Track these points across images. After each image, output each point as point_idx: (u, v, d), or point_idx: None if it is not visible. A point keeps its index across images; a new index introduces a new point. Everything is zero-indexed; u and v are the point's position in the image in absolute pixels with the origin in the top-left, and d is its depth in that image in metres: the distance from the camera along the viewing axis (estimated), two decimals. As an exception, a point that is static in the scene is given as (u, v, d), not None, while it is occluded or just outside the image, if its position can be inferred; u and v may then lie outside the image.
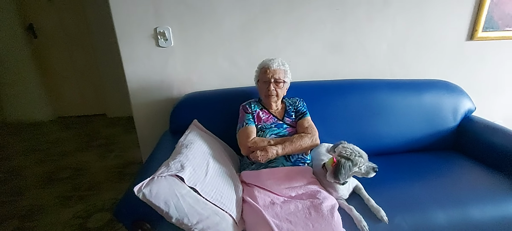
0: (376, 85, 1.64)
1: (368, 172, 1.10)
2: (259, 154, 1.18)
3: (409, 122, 1.59)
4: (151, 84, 1.68)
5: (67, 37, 3.26)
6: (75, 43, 3.29)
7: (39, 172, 2.27)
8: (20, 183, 2.12)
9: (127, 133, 3.03)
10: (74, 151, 2.64)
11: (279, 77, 1.33)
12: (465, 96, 1.65)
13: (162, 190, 0.92)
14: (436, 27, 1.74)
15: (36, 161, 2.47)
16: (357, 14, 1.66)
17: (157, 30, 1.56)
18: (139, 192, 0.90)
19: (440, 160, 1.51)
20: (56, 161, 2.45)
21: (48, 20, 3.16)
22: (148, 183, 0.93)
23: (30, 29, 3.17)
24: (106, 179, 2.14)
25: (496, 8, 1.74)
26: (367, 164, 1.10)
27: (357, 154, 1.09)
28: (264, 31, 1.64)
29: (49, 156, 2.55)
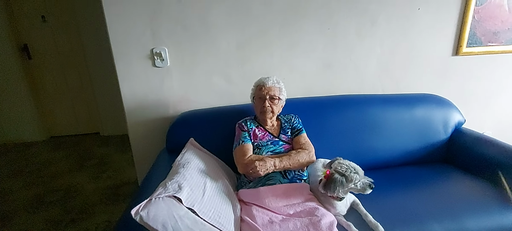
0: (369, 100, 1.69)
1: (365, 189, 1.10)
2: (257, 164, 1.18)
3: (402, 136, 1.62)
4: (147, 103, 1.68)
5: (60, 56, 3.25)
6: (69, 62, 3.29)
7: (28, 195, 2.19)
8: (7, 207, 2.04)
9: (121, 152, 2.98)
10: (66, 172, 2.57)
11: (274, 94, 1.36)
12: (454, 109, 1.70)
13: (160, 212, 0.91)
14: (422, 44, 1.82)
15: (25, 183, 2.39)
16: (347, 33, 1.73)
17: (154, 50, 1.58)
18: (136, 215, 0.89)
19: (433, 172, 1.54)
20: (46, 183, 2.38)
21: (43, 40, 3.15)
22: (146, 205, 0.92)
23: (25, 50, 3.16)
24: (100, 201, 2.09)
25: (478, 25, 1.84)
26: (363, 181, 1.10)
27: (353, 170, 1.09)
28: (259, 50, 1.68)
29: (39, 178, 2.47)
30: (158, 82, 1.65)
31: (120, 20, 1.52)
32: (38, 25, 3.09)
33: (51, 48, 3.20)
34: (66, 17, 3.09)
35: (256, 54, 1.68)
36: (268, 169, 1.19)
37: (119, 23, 1.53)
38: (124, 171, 2.54)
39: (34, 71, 3.26)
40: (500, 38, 1.89)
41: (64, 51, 3.23)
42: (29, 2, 3.02)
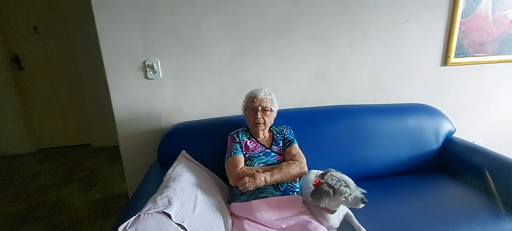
0: (361, 111, 1.70)
1: (356, 203, 1.07)
2: (247, 180, 1.17)
3: (394, 146, 1.63)
4: (139, 115, 1.66)
5: (51, 67, 3.21)
6: (60, 73, 3.25)
7: (13, 211, 2.11)
8: (-9, 223, 1.97)
9: (111, 163, 2.92)
10: (53, 185, 2.50)
11: (266, 105, 1.36)
12: (445, 119, 1.73)
13: (148, 229, 0.88)
14: (411, 55, 1.86)
15: (11, 197, 2.31)
16: (338, 44, 1.75)
17: (146, 63, 1.57)
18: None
19: (425, 181, 1.55)
20: (32, 197, 2.30)
21: (34, 51, 3.12)
22: (134, 221, 0.89)
23: (16, 61, 3.11)
24: (88, 216, 2.02)
25: (465, 37, 1.88)
26: (355, 194, 1.07)
27: (343, 184, 1.07)
28: (252, 61, 1.69)
29: (24, 192, 2.39)
30: (150, 94, 1.63)
31: (112, 32, 1.51)
32: (30, 36, 3.06)
33: (42, 59, 3.16)
34: (58, 28, 3.07)
35: (249, 65, 1.69)
36: (258, 185, 1.18)
37: (111, 35, 1.52)
38: (115, 184, 2.48)
39: (25, 82, 3.21)
40: (486, 49, 1.94)
41: (56, 62, 3.20)
42: (21, 12, 2.99)
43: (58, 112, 3.38)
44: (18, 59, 3.09)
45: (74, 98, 3.34)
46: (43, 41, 3.10)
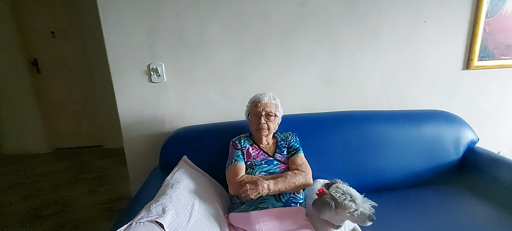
0: (372, 117, 1.60)
1: (363, 220, 0.98)
2: (248, 187, 1.11)
3: (408, 155, 1.52)
4: (143, 119, 1.65)
5: (67, 70, 3.31)
6: (75, 76, 3.34)
7: (23, 209, 2.17)
8: (3, 221, 2.02)
9: (120, 164, 2.95)
10: (64, 184, 2.55)
11: (270, 110, 1.30)
12: (466, 127, 1.59)
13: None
14: (429, 58, 1.73)
15: (24, 196, 2.38)
16: (348, 47, 1.67)
17: (150, 66, 1.56)
18: (112, 242, 0.83)
19: (443, 196, 1.42)
20: (43, 196, 2.36)
21: (51, 54, 3.23)
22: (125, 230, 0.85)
23: (34, 64, 3.24)
24: (94, 216, 2.04)
25: (490, 38, 1.74)
26: (361, 210, 0.98)
27: (349, 197, 0.99)
28: (257, 65, 1.63)
29: (36, 191, 2.46)
30: (154, 97, 1.62)
31: (117, 35, 1.51)
32: (47, 40, 3.17)
33: (59, 63, 3.27)
34: (74, 32, 3.16)
35: (254, 69, 1.63)
36: (261, 193, 1.11)
37: (117, 38, 1.52)
38: (122, 185, 2.50)
39: (42, 85, 3.33)
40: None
41: (71, 65, 3.30)
42: (39, 18, 3.11)
43: (73, 114, 3.48)
44: (36, 63, 3.21)
45: (88, 101, 3.43)
46: (60, 45, 3.21)
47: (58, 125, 3.49)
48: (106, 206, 2.17)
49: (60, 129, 3.50)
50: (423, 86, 1.79)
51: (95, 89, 3.32)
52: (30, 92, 3.24)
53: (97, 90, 3.32)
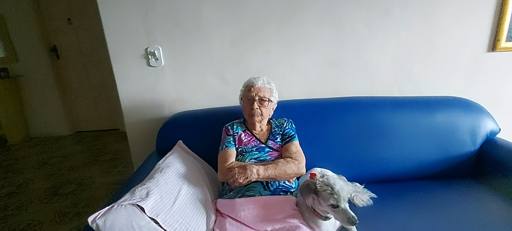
0: (379, 104, 1.48)
1: (344, 220, 0.91)
2: (236, 170, 1.07)
3: (417, 145, 1.40)
4: (143, 103, 1.67)
5: (84, 56, 3.45)
6: (91, 62, 3.47)
7: (45, 186, 2.34)
8: (25, 197, 2.19)
9: (134, 148, 3.07)
10: (82, 165, 2.71)
11: (264, 95, 1.25)
12: (487, 116, 1.43)
13: (118, 221, 0.85)
14: (448, 38, 1.55)
15: (45, 175, 2.56)
16: (355, 26, 1.54)
17: (148, 50, 1.56)
18: (93, 223, 0.85)
19: (455, 189, 1.30)
20: (63, 175, 2.52)
21: (68, 41, 3.37)
22: (105, 213, 0.87)
23: (54, 51, 3.41)
24: (105, 196, 2.15)
25: (522, 15, 1.52)
26: (343, 208, 0.91)
27: (329, 190, 0.91)
28: (255, 47, 1.57)
29: (58, 170, 2.64)
30: (152, 82, 1.62)
31: (115, 20, 1.52)
32: (64, 27, 3.30)
33: (76, 49, 3.41)
34: (89, 19, 3.25)
35: (252, 52, 1.57)
36: (249, 178, 1.07)
37: (114, 22, 1.53)
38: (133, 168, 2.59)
39: (62, 71, 3.50)
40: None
41: (87, 51, 3.42)
42: (56, 5, 3.23)
43: (91, 99, 3.64)
44: (55, 49, 3.37)
45: (104, 86, 3.56)
46: (76, 31, 3.33)
47: (77, 109, 3.68)
48: (117, 186, 2.27)
49: (79, 113, 3.70)
50: (440, 70, 1.62)
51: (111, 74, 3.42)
52: (51, 78, 3.43)
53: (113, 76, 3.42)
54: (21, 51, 3.36)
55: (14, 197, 2.21)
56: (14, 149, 3.33)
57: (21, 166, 2.79)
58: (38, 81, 3.44)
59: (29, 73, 3.43)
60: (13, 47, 3.34)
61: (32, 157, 3.01)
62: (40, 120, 3.61)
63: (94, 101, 3.64)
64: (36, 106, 3.56)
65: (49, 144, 3.38)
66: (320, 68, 1.61)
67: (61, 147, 3.28)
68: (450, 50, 1.58)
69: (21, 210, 2.01)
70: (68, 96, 3.61)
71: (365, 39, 1.56)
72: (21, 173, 2.64)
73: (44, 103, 3.52)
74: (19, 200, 2.16)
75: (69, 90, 3.59)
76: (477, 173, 1.39)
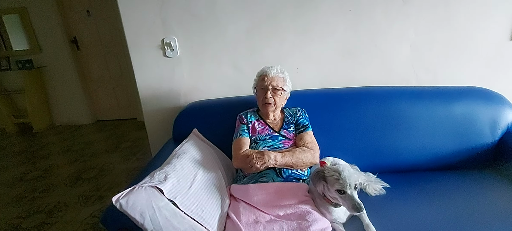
0: (395, 94, 1.46)
1: (349, 206, 0.92)
2: (254, 156, 1.11)
3: (433, 136, 1.38)
4: (160, 92, 1.72)
5: (103, 47, 3.56)
6: (110, 53, 3.59)
7: (70, 171, 2.48)
8: (52, 180, 2.34)
9: (151, 136, 3.18)
10: (103, 152, 2.85)
11: (277, 84, 1.26)
12: (508, 107, 1.38)
13: (139, 201, 0.91)
14: (470, 26, 1.49)
15: (69, 160, 2.71)
16: (372, 15, 1.51)
17: (164, 40, 1.60)
18: (116, 202, 0.91)
19: (471, 181, 1.27)
20: (86, 161, 2.66)
21: (88, 31, 3.49)
22: (127, 193, 0.93)
23: (74, 42, 3.54)
24: (125, 181, 2.26)
25: (554, 0, 1.43)
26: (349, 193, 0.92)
27: (336, 175, 0.93)
28: (270, 37, 1.57)
29: (81, 157, 2.79)
30: (169, 72, 1.67)
31: (132, 11, 1.56)
32: (84, 19, 3.41)
33: (95, 40, 3.52)
34: (107, 10, 3.34)
35: (266, 41, 1.58)
36: (267, 163, 1.10)
37: (132, 14, 1.57)
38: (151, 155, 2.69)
39: (82, 61, 3.64)
40: None
41: (106, 41, 3.53)
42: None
43: (111, 88, 3.78)
44: (76, 41, 3.50)
45: (123, 76, 3.68)
46: (95, 23, 3.43)
47: (98, 99, 3.84)
48: (136, 172, 2.37)
49: (100, 102, 3.85)
50: (460, 59, 1.56)
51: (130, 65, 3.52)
52: (73, 68, 3.58)
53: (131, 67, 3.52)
54: (44, 43, 3.52)
55: (41, 180, 2.37)
56: (40, 136, 3.53)
57: (47, 152, 2.97)
58: (60, 72, 3.60)
59: (52, 64, 3.59)
60: (37, 39, 3.50)
61: (56, 144, 3.19)
62: (63, 109, 3.80)
63: (114, 91, 3.78)
64: (59, 96, 3.74)
65: (72, 132, 3.56)
66: (335, 58, 1.60)
67: (83, 134, 3.44)
68: (471, 38, 1.52)
69: (48, 193, 2.16)
70: (89, 86, 3.77)
71: (382, 27, 1.53)
72: (47, 158, 2.81)
73: (67, 92, 3.69)
74: (46, 183, 2.31)
75: (90, 80, 3.74)
76: (496, 165, 1.35)
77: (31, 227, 1.77)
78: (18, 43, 3.59)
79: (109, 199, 2.00)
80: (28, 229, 1.75)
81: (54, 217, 1.86)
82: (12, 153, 3.03)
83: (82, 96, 3.72)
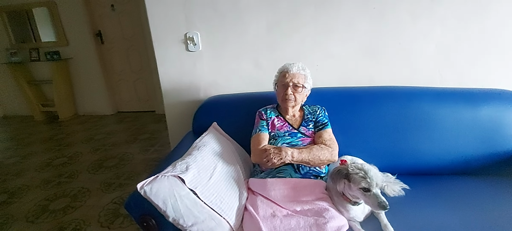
0: (418, 94, 1.42)
1: (374, 205, 0.91)
2: (272, 151, 1.12)
3: (457, 139, 1.33)
4: (181, 86, 1.77)
5: (125, 41, 3.68)
6: (132, 47, 3.70)
7: (93, 159, 2.60)
8: (76, 167, 2.47)
9: (169, 129, 3.26)
10: (123, 143, 2.96)
11: (298, 81, 1.26)
12: (541, 112, 1.31)
13: (162, 189, 0.95)
14: (502, 25, 1.42)
15: (93, 149, 2.84)
16: (397, 12, 1.47)
17: (187, 35, 1.63)
18: (141, 189, 0.95)
19: (496, 188, 1.22)
20: (107, 150, 2.78)
21: (111, 26, 3.62)
22: (151, 181, 0.97)
23: (99, 36, 3.68)
24: (144, 170, 2.34)
25: None
26: (374, 192, 0.92)
27: (361, 173, 0.93)
28: (291, 34, 1.57)
29: (102, 146, 2.91)
30: (190, 66, 1.71)
31: (157, 6, 1.61)
32: (108, 13, 3.54)
33: (118, 34, 3.65)
34: (131, 5, 3.45)
35: (287, 38, 1.58)
36: (284, 159, 1.11)
37: (157, 9, 1.62)
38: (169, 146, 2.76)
39: (105, 55, 3.78)
40: None
41: (128, 36, 3.64)
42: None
43: (131, 82, 3.91)
44: (100, 34, 3.64)
45: (143, 70, 3.79)
46: (119, 18, 3.55)
47: (119, 91, 3.98)
48: (154, 163, 2.46)
49: (121, 94, 3.99)
50: (489, 61, 1.50)
51: (150, 60, 3.64)
52: (96, 61, 3.73)
53: (151, 61, 3.64)
54: (71, 35, 3.68)
55: (66, 166, 2.50)
56: (65, 124, 3.71)
57: (71, 140, 3.12)
58: (85, 64, 3.76)
59: (77, 56, 3.76)
60: (64, 32, 3.67)
61: (80, 133, 3.35)
62: (87, 99, 3.97)
63: (134, 84, 3.90)
64: (83, 87, 3.91)
65: (95, 122, 3.72)
66: (357, 56, 1.58)
67: (105, 124, 3.59)
68: (501, 38, 1.46)
69: (72, 178, 2.28)
70: (111, 78, 3.91)
71: (407, 25, 1.49)
72: (71, 146, 2.96)
73: (90, 84, 3.86)
74: (71, 169, 2.44)
75: (112, 73, 3.88)
76: (525, 172, 1.29)
77: (57, 209, 1.87)
78: (46, 36, 3.78)
79: (129, 187, 2.09)
80: (54, 211, 1.86)
81: (78, 201, 1.96)
82: (40, 140, 3.21)
83: (104, 88, 3.87)
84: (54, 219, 1.79)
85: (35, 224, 1.75)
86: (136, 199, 1.03)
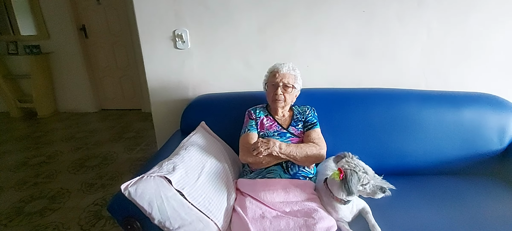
0: (404, 96, 1.46)
1: (375, 192, 0.96)
2: (260, 141, 1.09)
3: (440, 140, 1.37)
4: (169, 84, 1.72)
5: (111, 36, 3.56)
6: (118, 42, 3.59)
7: (73, 158, 2.50)
8: (55, 166, 2.36)
9: (155, 128, 3.19)
10: (107, 141, 2.86)
11: (288, 82, 1.25)
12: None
13: (147, 190, 0.91)
14: (486, 30, 1.47)
15: (73, 148, 2.73)
16: (386, 16, 1.50)
17: (175, 32, 1.59)
18: (125, 190, 0.91)
19: (477, 187, 1.27)
20: (89, 149, 2.68)
21: (97, 20, 3.49)
22: (136, 182, 0.93)
23: (82, 30, 3.54)
24: (128, 171, 2.27)
25: None
26: (373, 182, 0.96)
27: (362, 169, 0.96)
28: (281, 34, 1.57)
29: (84, 144, 2.80)
30: (179, 64, 1.67)
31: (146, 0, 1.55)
32: (93, 7, 3.41)
33: (104, 28, 3.52)
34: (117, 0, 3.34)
35: (278, 38, 1.57)
36: (271, 149, 1.08)
37: (145, 3, 1.56)
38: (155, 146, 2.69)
39: (90, 50, 3.64)
40: None
41: (115, 31, 3.53)
42: (86, -15, 3.33)
43: (117, 78, 3.78)
44: (84, 29, 3.50)
45: (129, 67, 3.68)
46: (105, 11, 3.43)
47: (104, 88, 3.84)
48: (140, 163, 2.39)
49: (105, 91, 3.86)
50: (472, 64, 1.55)
51: (136, 56, 3.54)
52: (80, 56, 3.58)
53: (138, 58, 3.54)
54: (52, 29, 3.52)
55: (44, 166, 2.38)
56: (44, 122, 3.54)
57: (51, 138, 2.98)
58: (67, 59, 3.61)
59: (59, 50, 3.60)
60: (45, 25, 3.50)
61: (60, 131, 3.21)
62: (68, 96, 3.81)
63: (120, 81, 3.78)
64: (65, 83, 3.75)
65: (76, 119, 3.57)
66: (346, 58, 1.59)
67: (87, 122, 3.45)
68: (484, 44, 1.51)
69: (51, 179, 2.17)
70: (96, 74, 3.77)
71: (395, 29, 1.52)
72: (51, 144, 2.82)
73: (73, 80, 3.70)
74: (49, 169, 2.32)
75: (97, 69, 3.75)
76: (503, 172, 1.34)
77: (34, 212, 1.78)
78: (26, 28, 3.59)
79: (112, 188, 2.02)
80: (30, 214, 1.76)
81: (56, 203, 1.87)
82: (16, 138, 3.05)
83: (87, 84, 3.73)
84: (29, 222, 1.69)
85: (9, 227, 1.65)
86: (120, 200, 0.99)
